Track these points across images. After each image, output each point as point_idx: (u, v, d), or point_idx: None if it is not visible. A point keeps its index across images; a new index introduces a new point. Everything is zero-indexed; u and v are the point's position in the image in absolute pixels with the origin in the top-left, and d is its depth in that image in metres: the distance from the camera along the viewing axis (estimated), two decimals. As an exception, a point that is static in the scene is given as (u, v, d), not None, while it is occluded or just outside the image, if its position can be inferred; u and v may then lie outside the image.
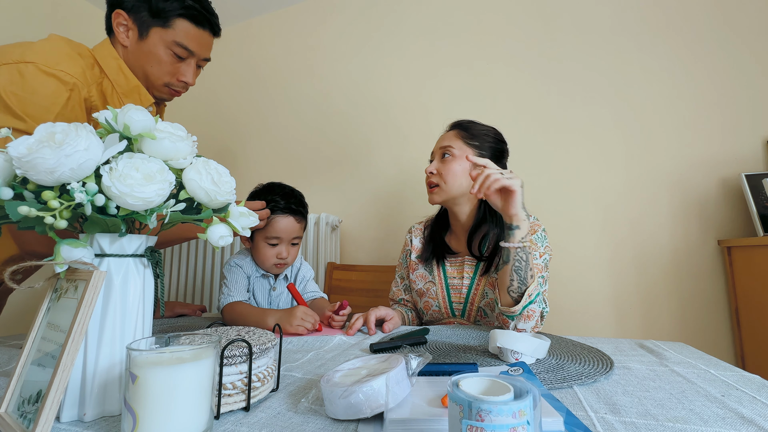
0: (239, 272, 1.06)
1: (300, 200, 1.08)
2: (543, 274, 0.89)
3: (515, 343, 0.62)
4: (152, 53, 0.84)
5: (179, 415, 0.36)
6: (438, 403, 0.42)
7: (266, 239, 1.03)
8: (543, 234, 0.94)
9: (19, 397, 0.41)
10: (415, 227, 1.15)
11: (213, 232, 0.51)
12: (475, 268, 0.99)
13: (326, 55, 2.05)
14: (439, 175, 0.99)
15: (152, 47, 0.84)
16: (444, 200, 1.01)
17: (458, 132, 1.01)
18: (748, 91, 1.36)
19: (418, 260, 1.08)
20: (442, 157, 1.00)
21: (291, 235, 1.04)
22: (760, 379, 0.54)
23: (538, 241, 0.92)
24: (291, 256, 1.06)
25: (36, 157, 0.37)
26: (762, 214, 1.22)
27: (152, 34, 0.83)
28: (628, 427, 0.40)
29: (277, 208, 1.02)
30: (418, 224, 1.15)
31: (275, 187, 1.08)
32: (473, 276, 0.99)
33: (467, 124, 1.03)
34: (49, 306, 0.46)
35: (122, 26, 0.83)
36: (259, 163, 2.16)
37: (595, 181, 1.50)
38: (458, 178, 0.98)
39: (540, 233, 0.94)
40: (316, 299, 1.14)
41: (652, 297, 1.39)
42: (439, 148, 1.02)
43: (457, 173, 0.98)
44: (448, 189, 0.98)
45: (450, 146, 0.99)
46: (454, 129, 1.04)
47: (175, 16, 0.83)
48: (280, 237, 1.02)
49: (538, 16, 1.65)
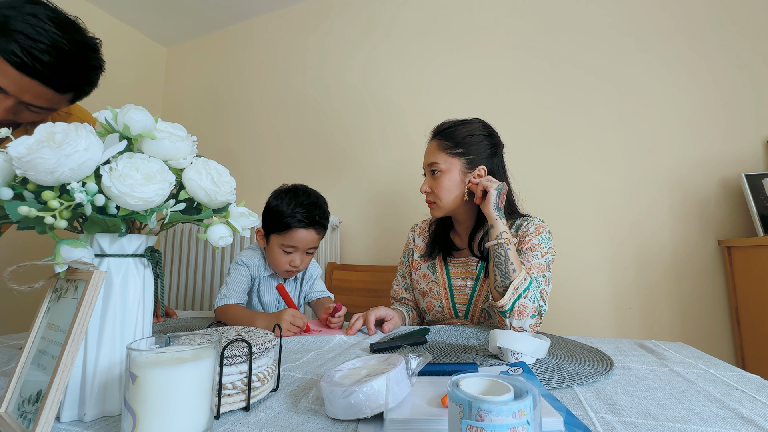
0: (244, 273, 1.04)
1: (324, 211, 1.03)
2: (545, 273, 0.89)
3: (515, 343, 0.62)
4: None
5: (179, 415, 0.36)
6: (438, 403, 0.42)
7: (282, 246, 1.00)
8: (547, 236, 0.95)
9: (19, 397, 0.41)
10: (418, 226, 1.14)
11: (213, 232, 0.51)
12: (479, 269, 0.99)
13: (326, 55, 2.05)
14: (432, 193, 1.00)
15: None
16: (444, 214, 1.01)
17: (440, 143, 0.99)
18: (748, 91, 1.36)
19: (420, 259, 1.08)
20: (432, 174, 1.00)
21: (308, 245, 1.02)
22: (760, 379, 0.54)
23: (542, 242, 0.93)
24: (304, 264, 1.04)
25: (36, 157, 0.37)
26: (762, 214, 1.22)
27: None
28: (628, 427, 0.40)
29: (299, 221, 0.98)
30: (422, 223, 1.15)
31: (299, 192, 1.02)
32: (477, 277, 0.98)
33: (448, 131, 1.00)
34: (49, 306, 0.46)
35: None
36: (259, 163, 2.16)
37: (596, 181, 1.50)
38: (451, 192, 0.98)
39: (545, 234, 0.94)
40: (322, 298, 1.14)
41: (652, 297, 1.39)
42: (427, 165, 1.01)
43: (449, 188, 0.98)
44: (443, 204, 0.99)
45: (435, 162, 0.98)
46: (435, 139, 1.02)
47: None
48: (296, 246, 1.00)
49: (538, 17, 1.65)
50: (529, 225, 0.96)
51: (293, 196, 1.01)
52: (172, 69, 2.49)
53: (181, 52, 2.49)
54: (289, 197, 1.00)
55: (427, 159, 1.02)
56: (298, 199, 1.00)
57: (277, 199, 1.01)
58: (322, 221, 1.02)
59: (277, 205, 1.00)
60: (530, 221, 0.97)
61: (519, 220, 0.99)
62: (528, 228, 0.95)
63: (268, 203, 1.03)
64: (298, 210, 0.98)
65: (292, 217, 0.98)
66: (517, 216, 1.01)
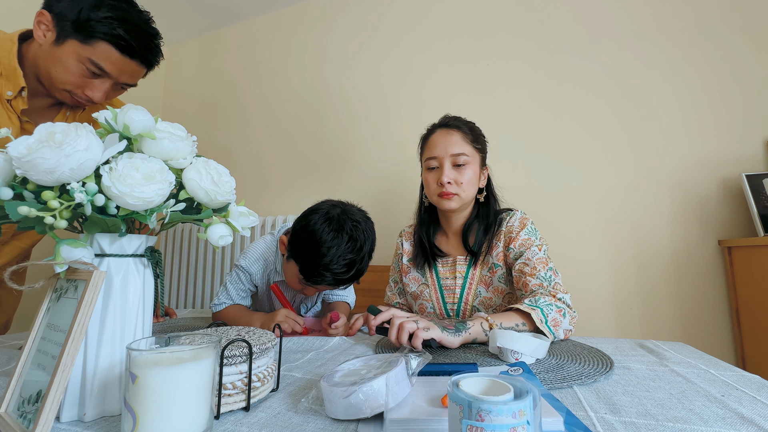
0: (244, 279, 1.00)
1: (365, 266, 0.88)
2: (550, 266, 0.88)
3: (515, 343, 0.62)
4: (61, 60, 0.81)
5: (179, 415, 0.36)
6: (438, 403, 0.42)
7: (301, 281, 0.89)
8: (533, 227, 0.94)
9: (19, 397, 0.41)
10: (405, 231, 1.14)
11: (213, 231, 0.51)
12: (467, 267, 0.99)
13: (326, 55, 2.05)
14: (455, 184, 0.95)
15: (64, 56, 0.81)
16: (460, 207, 0.98)
17: (464, 135, 0.98)
18: (748, 91, 1.36)
19: (410, 263, 1.08)
20: (455, 165, 0.96)
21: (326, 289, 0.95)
22: (760, 379, 0.54)
23: (531, 235, 0.92)
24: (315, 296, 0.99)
25: (36, 157, 0.37)
26: (762, 214, 1.21)
27: (68, 44, 0.80)
28: (628, 427, 0.40)
29: (330, 283, 0.85)
30: (408, 228, 1.15)
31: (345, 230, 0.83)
32: (465, 275, 0.98)
33: (469, 125, 1.01)
34: (49, 306, 0.46)
35: (43, 25, 0.81)
36: (259, 163, 2.16)
37: (596, 181, 1.50)
38: (473, 186, 0.97)
39: (530, 227, 0.94)
40: (337, 302, 1.12)
41: (652, 297, 1.39)
42: (451, 155, 0.95)
43: (473, 181, 0.97)
44: (465, 196, 0.96)
45: (463, 153, 0.95)
46: (454, 129, 0.99)
47: (99, 38, 0.80)
48: (316, 288, 0.93)
49: (538, 16, 1.65)
50: (512, 218, 0.96)
51: (336, 235, 0.82)
52: (172, 69, 2.49)
53: (181, 52, 2.49)
54: (332, 236, 0.82)
55: (451, 148, 0.96)
56: (341, 247, 0.82)
57: (321, 233, 0.83)
58: (356, 279, 0.88)
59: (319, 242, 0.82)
60: (512, 214, 0.97)
61: (502, 214, 0.99)
62: (513, 222, 0.95)
63: (310, 227, 0.84)
64: (335, 267, 0.82)
65: (326, 271, 0.83)
66: (500, 210, 1.01)
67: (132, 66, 0.87)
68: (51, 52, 0.82)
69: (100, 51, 0.81)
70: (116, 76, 0.86)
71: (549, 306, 0.78)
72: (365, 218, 0.92)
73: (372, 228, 0.92)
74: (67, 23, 0.79)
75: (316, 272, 0.83)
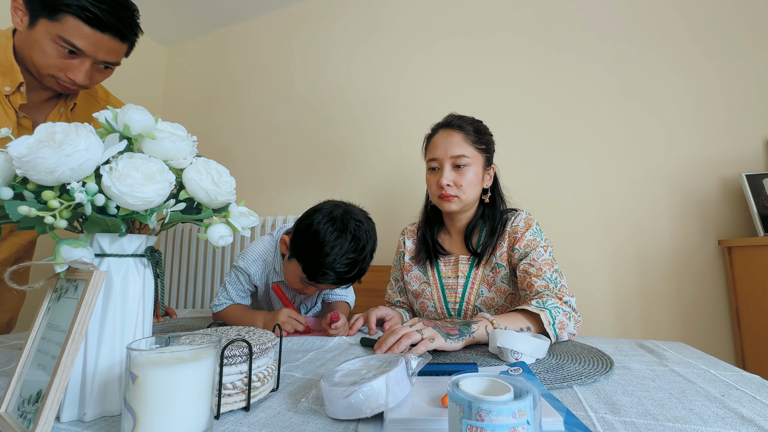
0: (243, 281, 1.00)
1: (366, 266, 0.89)
2: (555, 267, 0.88)
3: (515, 343, 0.62)
4: (38, 43, 0.81)
5: (179, 415, 0.36)
6: (438, 403, 0.42)
7: (303, 280, 0.90)
8: (538, 227, 0.94)
9: (19, 397, 0.41)
10: (408, 229, 1.14)
11: (213, 231, 0.51)
12: (469, 266, 0.99)
13: (325, 55, 2.05)
14: (455, 186, 0.94)
15: (38, 37, 0.81)
16: (460, 209, 0.98)
17: (466, 135, 0.96)
18: (749, 91, 1.36)
19: (411, 261, 1.08)
20: (456, 167, 0.95)
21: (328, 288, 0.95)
22: (760, 379, 0.54)
23: (536, 235, 0.92)
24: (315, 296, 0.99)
25: (36, 157, 0.37)
26: (762, 214, 1.21)
27: (40, 24, 0.80)
28: (628, 427, 0.40)
29: (333, 281, 0.86)
30: (411, 226, 1.15)
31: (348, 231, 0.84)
32: (468, 274, 0.98)
33: (472, 124, 0.98)
34: (49, 306, 0.46)
35: (19, 11, 0.81)
36: (259, 163, 2.16)
37: (596, 181, 1.50)
38: (475, 187, 0.96)
39: (535, 227, 0.94)
40: (337, 302, 1.11)
41: (652, 297, 1.39)
42: (451, 156, 0.94)
43: (474, 183, 0.95)
44: (466, 199, 0.95)
45: (463, 155, 0.94)
46: (456, 130, 0.96)
47: (64, 12, 0.79)
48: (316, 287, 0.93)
49: (540, 16, 1.64)
50: (517, 219, 0.96)
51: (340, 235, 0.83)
52: (172, 69, 2.49)
53: (181, 52, 2.49)
54: (335, 235, 0.83)
55: (451, 150, 0.95)
56: (344, 246, 0.83)
57: (324, 233, 0.83)
58: (358, 278, 0.89)
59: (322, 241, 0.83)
60: (517, 215, 0.97)
61: (506, 215, 0.99)
62: (517, 223, 0.95)
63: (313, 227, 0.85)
64: (338, 266, 0.83)
65: (329, 270, 0.83)
66: (505, 210, 1.01)
67: (105, 40, 0.84)
68: (28, 36, 0.81)
69: (69, 27, 0.80)
70: (92, 53, 0.84)
71: (557, 308, 0.78)
72: (367, 218, 0.92)
73: (373, 228, 0.92)
74: (36, 2, 0.79)
75: (320, 271, 0.84)
